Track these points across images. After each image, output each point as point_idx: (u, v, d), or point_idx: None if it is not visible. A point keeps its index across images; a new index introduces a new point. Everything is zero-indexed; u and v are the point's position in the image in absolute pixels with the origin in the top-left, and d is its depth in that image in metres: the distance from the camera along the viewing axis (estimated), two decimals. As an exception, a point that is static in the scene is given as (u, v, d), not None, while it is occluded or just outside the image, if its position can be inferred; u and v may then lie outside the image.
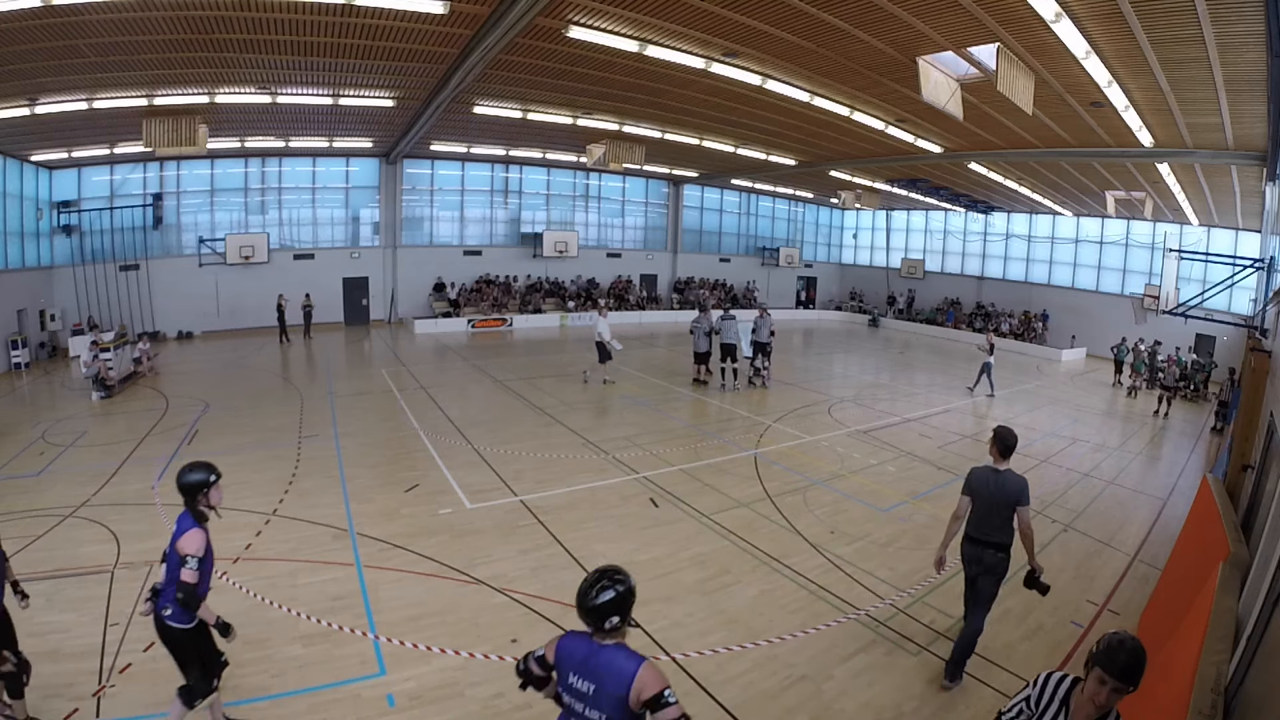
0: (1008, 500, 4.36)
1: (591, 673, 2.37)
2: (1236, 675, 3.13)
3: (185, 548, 3.49)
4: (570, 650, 2.46)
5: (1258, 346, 9.39)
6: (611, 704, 2.30)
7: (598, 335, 13.76)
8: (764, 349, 14.35)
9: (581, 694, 2.39)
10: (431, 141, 19.53)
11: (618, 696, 2.28)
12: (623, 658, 2.34)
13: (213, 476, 3.67)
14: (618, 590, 2.40)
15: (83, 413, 11.08)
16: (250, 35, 9.61)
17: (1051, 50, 8.37)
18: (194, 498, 3.65)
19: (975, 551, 4.50)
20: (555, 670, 2.53)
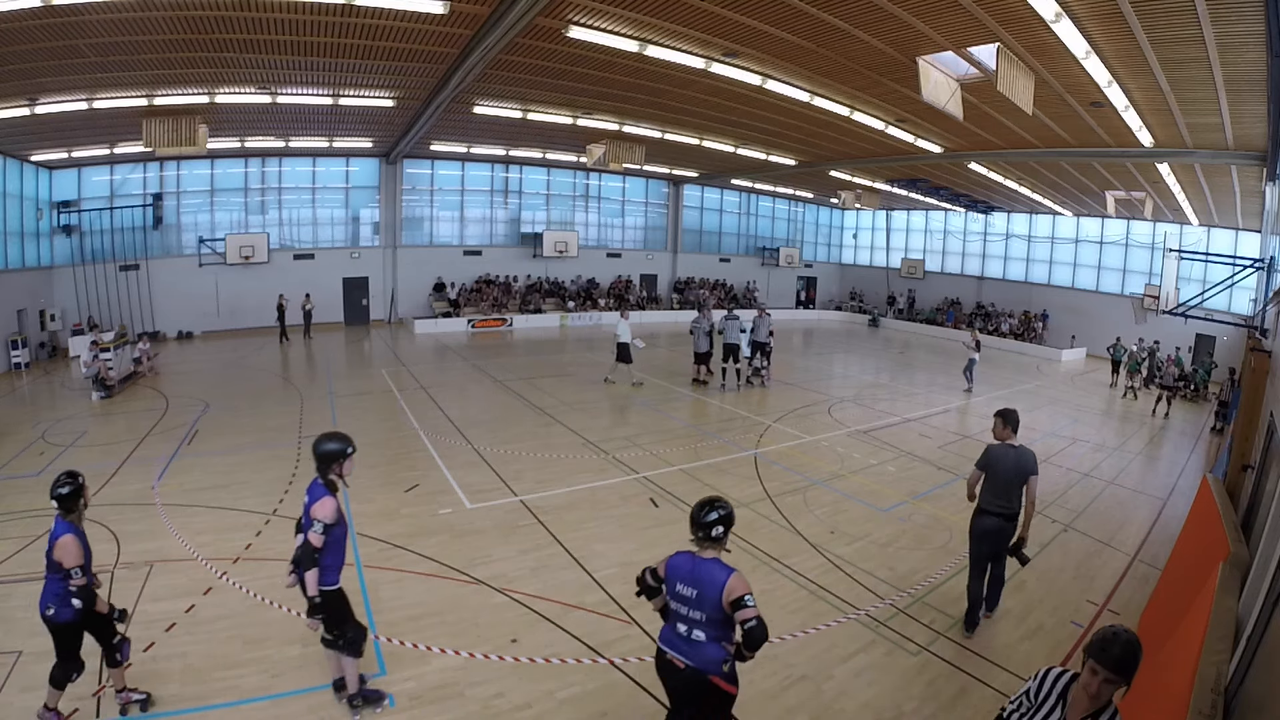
0: (1024, 472, 4.90)
1: (695, 580, 3.06)
2: (1236, 675, 3.13)
3: (318, 513, 3.71)
4: (678, 565, 3.16)
5: (1258, 346, 9.39)
6: (709, 604, 3.01)
7: (618, 336, 13.72)
8: (763, 349, 14.35)
9: (686, 598, 3.08)
10: (431, 141, 19.53)
11: (713, 598, 2.99)
12: (718, 569, 3.06)
13: (349, 449, 3.87)
14: (720, 513, 3.17)
15: (83, 413, 11.08)
16: (250, 35, 9.62)
17: (1051, 50, 8.37)
18: (328, 467, 3.84)
19: (993, 523, 5.02)
20: (664, 582, 3.20)
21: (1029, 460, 4.92)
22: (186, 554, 5.99)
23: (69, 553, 3.63)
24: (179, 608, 5.07)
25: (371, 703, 4.09)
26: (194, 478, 7.99)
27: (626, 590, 5.65)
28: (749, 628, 2.91)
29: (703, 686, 3.08)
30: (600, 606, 5.40)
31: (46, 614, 3.71)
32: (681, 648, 3.11)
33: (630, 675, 4.53)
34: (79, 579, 3.64)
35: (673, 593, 3.14)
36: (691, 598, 3.06)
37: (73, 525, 3.76)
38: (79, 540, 3.72)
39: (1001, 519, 4.98)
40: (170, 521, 6.69)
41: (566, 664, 4.63)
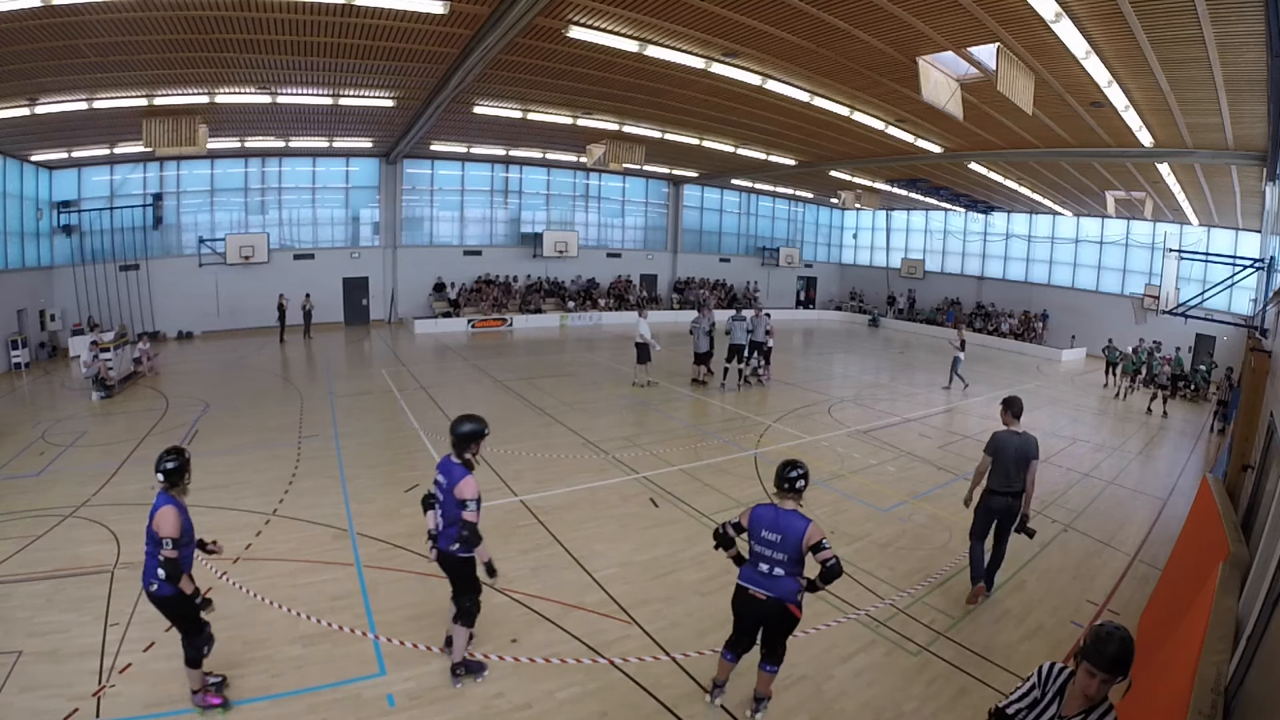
0: (1027, 455, 5.41)
1: (778, 527, 3.79)
2: (1236, 675, 3.13)
3: (466, 492, 4.04)
4: (761, 515, 3.87)
5: (1258, 346, 9.39)
6: (791, 547, 3.74)
7: (639, 336, 13.70)
8: (760, 348, 14.35)
9: (770, 543, 3.80)
10: (431, 141, 19.53)
11: (795, 542, 3.72)
12: (797, 517, 3.79)
13: (486, 430, 4.29)
14: (801, 470, 3.88)
15: (83, 413, 11.08)
16: (250, 35, 9.62)
17: (1051, 50, 8.37)
18: (466, 447, 4.24)
19: (1001, 502, 5.53)
20: (747, 530, 3.92)
21: (1032, 445, 5.42)
22: (186, 554, 5.99)
23: (166, 522, 3.72)
24: (179, 608, 5.07)
25: (473, 672, 4.42)
26: (194, 478, 7.90)
27: (627, 590, 5.66)
28: (829, 565, 3.69)
29: (780, 611, 3.85)
30: (600, 606, 5.40)
31: (150, 590, 3.81)
32: (763, 583, 3.84)
33: (630, 675, 4.53)
34: (169, 550, 3.68)
35: (757, 538, 3.85)
36: (776, 542, 3.78)
37: (175, 499, 3.87)
38: (179, 513, 3.81)
39: (1009, 497, 5.49)
40: (170, 521, 6.67)
41: (566, 664, 4.63)
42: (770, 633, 3.98)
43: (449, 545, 4.16)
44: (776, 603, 3.82)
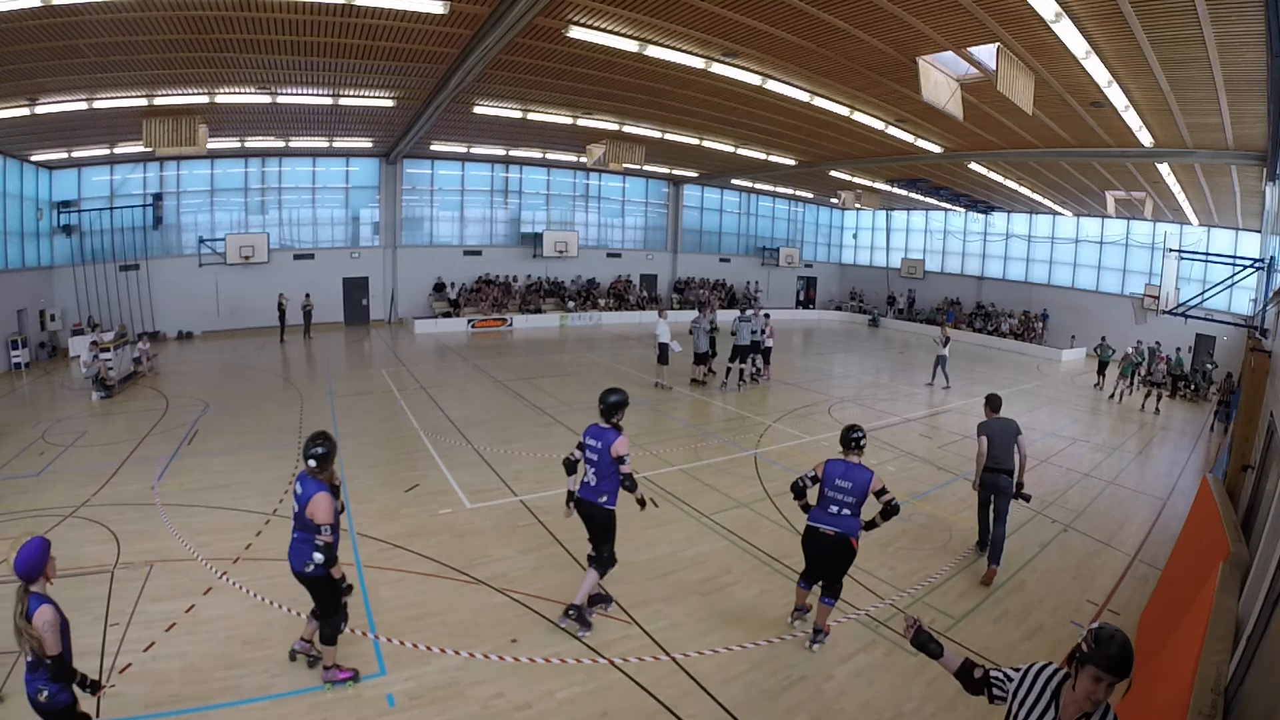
0: (1012, 433, 6.35)
1: (849, 477, 4.69)
2: (1236, 675, 3.13)
3: (621, 449, 4.81)
4: (833, 467, 4.76)
5: (1258, 346, 9.39)
6: (858, 492, 4.66)
7: (658, 336, 13.62)
8: (756, 348, 14.37)
9: (842, 489, 4.69)
10: (431, 141, 19.53)
11: (862, 488, 4.65)
12: (863, 469, 4.72)
13: (628, 400, 5.04)
14: (862, 432, 4.85)
15: (83, 413, 11.08)
16: (250, 35, 9.61)
17: (1051, 50, 8.37)
18: (614, 413, 4.97)
19: (993, 478, 6.27)
20: (820, 481, 4.76)
21: (1014, 426, 6.41)
22: (186, 554, 5.99)
23: (321, 508, 3.91)
24: (179, 608, 5.07)
25: (582, 623, 4.94)
26: (194, 478, 7.99)
27: (627, 590, 5.65)
28: (891, 504, 4.66)
29: (844, 544, 4.73)
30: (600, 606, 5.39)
31: (306, 570, 4.05)
32: (832, 521, 4.74)
33: (630, 675, 4.53)
34: (326, 535, 3.91)
35: (830, 485, 4.73)
36: (847, 488, 4.68)
37: (324, 484, 4.02)
38: (331, 499, 3.99)
39: (1003, 473, 6.25)
40: (170, 521, 6.68)
41: (566, 664, 4.63)
42: (834, 566, 4.85)
43: (597, 498, 4.91)
44: (841, 537, 4.72)
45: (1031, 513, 7.98)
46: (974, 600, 5.79)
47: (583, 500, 4.97)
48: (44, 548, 3.06)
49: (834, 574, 4.86)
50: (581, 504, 4.98)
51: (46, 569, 3.07)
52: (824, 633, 4.98)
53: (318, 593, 4.19)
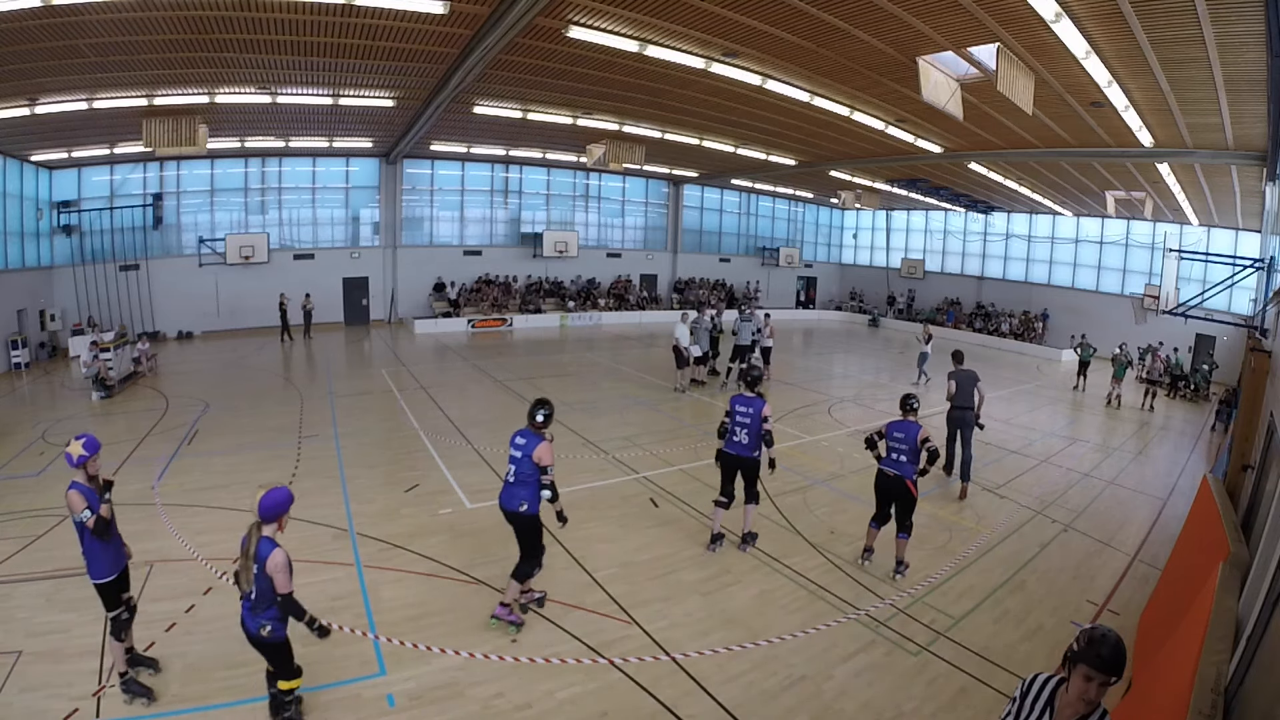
0: (972, 380, 8.56)
1: (904, 430, 5.98)
2: (1236, 675, 3.12)
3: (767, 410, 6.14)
4: (893, 425, 6.10)
5: (1258, 346, 9.38)
6: (910, 443, 5.88)
7: (678, 340, 13.51)
8: (755, 347, 14.41)
9: (900, 439, 5.95)
10: (431, 141, 19.53)
11: (913, 440, 5.86)
12: (914, 425, 5.96)
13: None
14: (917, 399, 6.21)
15: (83, 413, 11.08)
16: (250, 35, 9.61)
17: (1051, 50, 8.37)
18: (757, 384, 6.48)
19: (959, 414, 8.42)
20: (885, 435, 6.11)
21: (974, 374, 8.61)
22: (186, 554, 5.99)
23: (547, 453, 4.84)
24: (179, 608, 5.07)
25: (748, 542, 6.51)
26: (194, 478, 7.99)
27: (627, 590, 5.66)
28: (933, 449, 5.83)
29: (902, 485, 5.93)
30: (600, 606, 5.40)
31: (520, 510, 4.87)
32: (892, 465, 5.99)
33: (630, 675, 4.53)
34: (550, 475, 4.85)
35: (891, 439, 6.04)
36: (901, 438, 5.96)
37: (544, 437, 4.92)
38: (551, 446, 4.91)
39: (967, 409, 8.34)
40: (170, 521, 6.69)
41: (566, 664, 4.63)
42: (899, 508, 6.03)
43: (753, 452, 6.19)
44: (899, 479, 5.93)
45: (1031, 513, 7.99)
46: (974, 600, 5.79)
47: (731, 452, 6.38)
48: (288, 499, 3.58)
49: (901, 512, 6.04)
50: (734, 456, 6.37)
51: (282, 518, 3.56)
52: (904, 565, 6.12)
53: (525, 533, 4.95)
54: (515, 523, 4.94)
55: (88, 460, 3.91)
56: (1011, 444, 11.17)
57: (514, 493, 4.88)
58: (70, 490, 3.82)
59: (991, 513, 7.92)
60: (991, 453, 10.38)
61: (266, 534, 3.52)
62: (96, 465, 3.98)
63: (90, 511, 3.83)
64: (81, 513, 3.81)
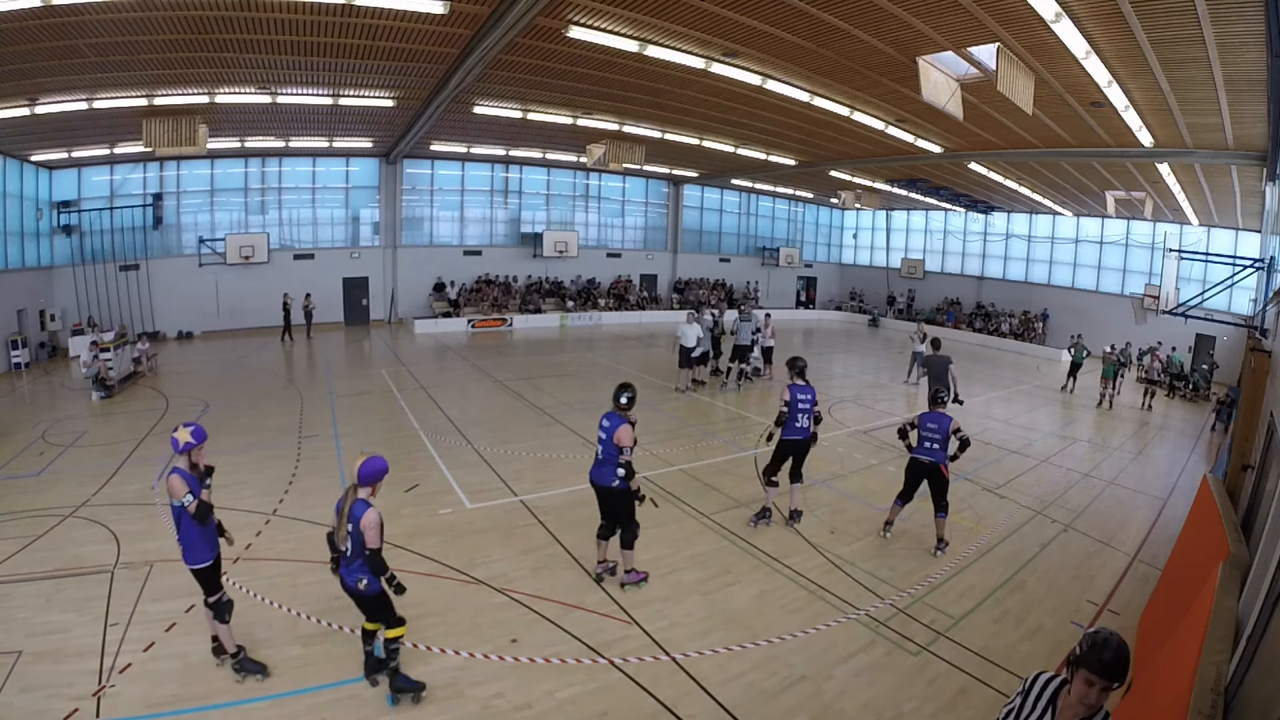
0: (945, 364, 10.85)
1: (936, 420, 6.52)
2: (1236, 675, 3.12)
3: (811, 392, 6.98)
4: (925, 416, 6.63)
5: (1258, 346, 9.38)
6: (942, 433, 6.45)
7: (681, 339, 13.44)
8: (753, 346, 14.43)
9: (931, 429, 6.51)
10: (431, 141, 19.53)
11: (945, 430, 6.46)
12: (945, 416, 6.53)
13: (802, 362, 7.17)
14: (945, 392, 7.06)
15: (83, 413, 11.08)
16: (250, 35, 9.61)
17: (1051, 50, 8.37)
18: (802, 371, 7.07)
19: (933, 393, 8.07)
20: (916, 427, 6.64)
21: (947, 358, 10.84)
22: (186, 554, 5.98)
23: (627, 435, 5.31)
24: (179, 608, 5.07)
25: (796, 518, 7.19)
26: (194, 478, 7.97)
27: (627, 590, 5.65)
28: (964, 438, 6.51)
29: (936, 470, 6.51)
30: (600, 606, 5.40)
31: (612, 485, 5.40)
32: (926, 453, 6.55)
33: (630, 675, 4.53)
34: (628, 456, 5.32)
35: (924, 429, 6.59)
36: (934, 428, 6.51)
37: (627, 419, 5.41)
38: (631, 429, 5.37)
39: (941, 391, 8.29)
40: (170, 521, 6.67)
41: (566, 664, 4.63)
42: (935, 490, 6.59)
43: (806, 435, 6.86)
44: (934, 465, 6.51)
45: (1031, 513, 7.99)
46: (974, 600, 5.79)
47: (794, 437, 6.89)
48: (385, 467, 4.03)
49: (937, 494, 6.60)
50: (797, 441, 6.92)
51: (378, 484, 4.00)
52: (944, 542, 6.68)
53: (620, 504, 5.44)
54: (607, 496, 5.50)
55: (194, 448, 4.13)
56: (1011, 444, 11.17)
57: (603, 470, 5.44)
58: (172, 475, 4.03)
59: (991, 513, 7.91)
60: (991, 453, 10.38)
61: (362, 496, 3.91)
62: (201, 454, 4.21)
63: (192, 496, 4.03)
64: (184, 497, 4.00)
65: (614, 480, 5.37)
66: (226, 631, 4.29)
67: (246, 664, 4.29)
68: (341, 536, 3.97)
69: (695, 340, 13.36)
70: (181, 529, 4.11)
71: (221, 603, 4.27)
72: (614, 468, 5.33)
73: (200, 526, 4.11)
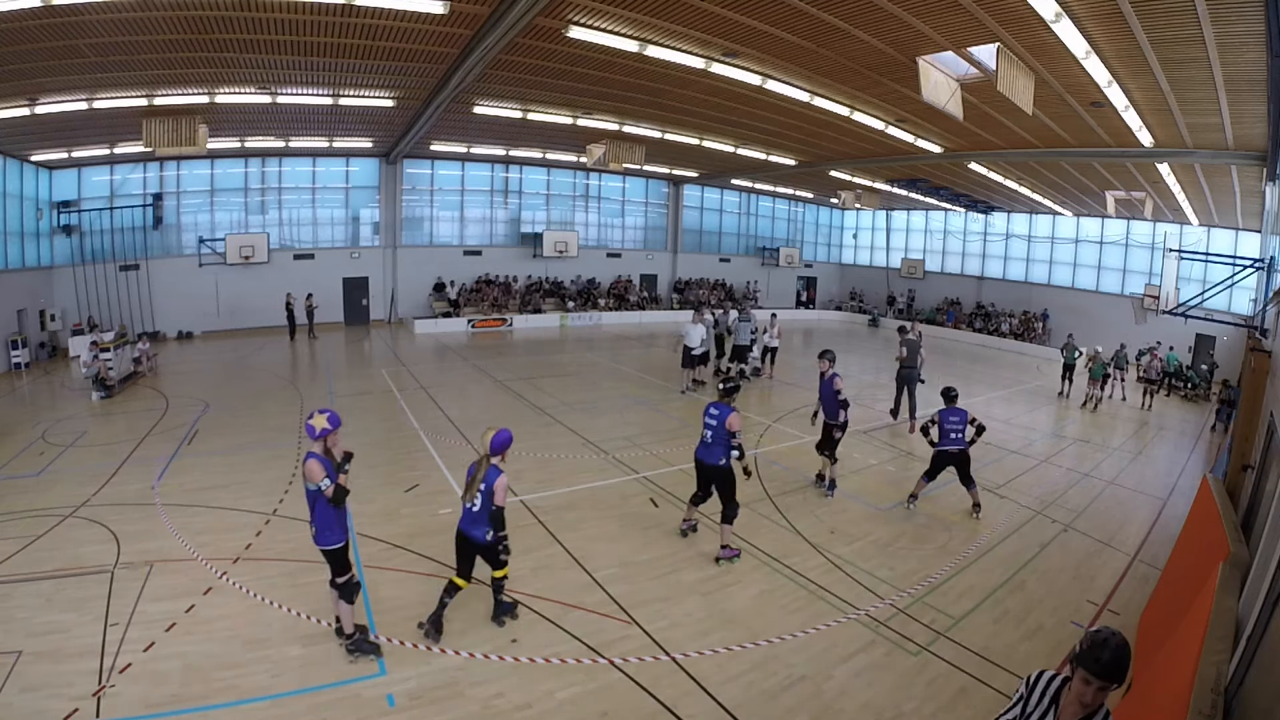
0: (916, 347, 11.38)
1: (958, 414, 7.50)
2: (1236, 675, 3.12)
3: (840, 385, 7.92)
4: (945, 412, 7.51)
5: (1258, 346, 9.38)
6: (964, 424, 7.46)
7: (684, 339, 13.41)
8: (749, 348, 14.46)
9: (955, 422, 7.46)
10: (431, 141, 19.53)
11: (965, 419, 7.48)
12: (962, 410, 7.55)
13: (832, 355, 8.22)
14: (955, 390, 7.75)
15: (83, 413, 11.08)
16: (250, 35, 9.61)
17: (1051, 50, 8.37)
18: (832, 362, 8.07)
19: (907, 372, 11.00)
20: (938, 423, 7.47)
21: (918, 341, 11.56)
22: (186, 554, 5.99)
23: (736, 423, 6.04)
24: (179, 608, 5.07)
25: None
26: (194, 478, 7.99)
27: (627, 590, 5.66)
28: (980, 425, 7.51)
29: (964, 455, 7.44)
30: (600, 606, 5.40)
31: (720, 463, 6.12)
32: (954, 444, 7.41)
33: (630, 675, 4.53)
34: (739, 439, 6.05)
35: (948, 423, 7.43)
36: (956, 422, 7.41)
37: (733, 408, 6.15)
38: (740, 417, 6.08)
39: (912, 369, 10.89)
40: (170, 521, 6.69)
41: (566, 664, 4.63)
42: (961, 472, 7.50)
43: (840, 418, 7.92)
44: (962, 452, 7.43)
45: (1031, 513, 7.99)
46: (974, 600, 5.79)
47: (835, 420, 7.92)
48: (510, 438, 4.80)
49: (964, 474, 7.50)
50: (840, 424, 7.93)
51: (505, 452, 4.77)
52: (979, 505, 7.64)
53: (725, 482, 6.18)
54: (714, 475, 6.24)
55: (329, 434, 4.36)
56: (1011, 444, 11.17)
57: (712, 451, 6.17)
58: (309, 460, 4.26)
59: (991, 513, 7.91)
60: (991, 453, 10.38)
61: (494, 463, 4.68)
62: (336, 439, 4.47)
63: (329, 480, 4.24)
64: (321, 481, 4.23)
65: (722, 459, 6.11)
66: (349, 612, 4.54)
67: (362, 645, 4.57)
68: (471, 496, 4.66)
69: (699, 340, 13.35)
70: (316, 512, 4.34)
71: (350, 584, 4.50)
72: (723, 449, 6.08)
73: (335, 510, 4.34)
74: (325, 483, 4.22)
